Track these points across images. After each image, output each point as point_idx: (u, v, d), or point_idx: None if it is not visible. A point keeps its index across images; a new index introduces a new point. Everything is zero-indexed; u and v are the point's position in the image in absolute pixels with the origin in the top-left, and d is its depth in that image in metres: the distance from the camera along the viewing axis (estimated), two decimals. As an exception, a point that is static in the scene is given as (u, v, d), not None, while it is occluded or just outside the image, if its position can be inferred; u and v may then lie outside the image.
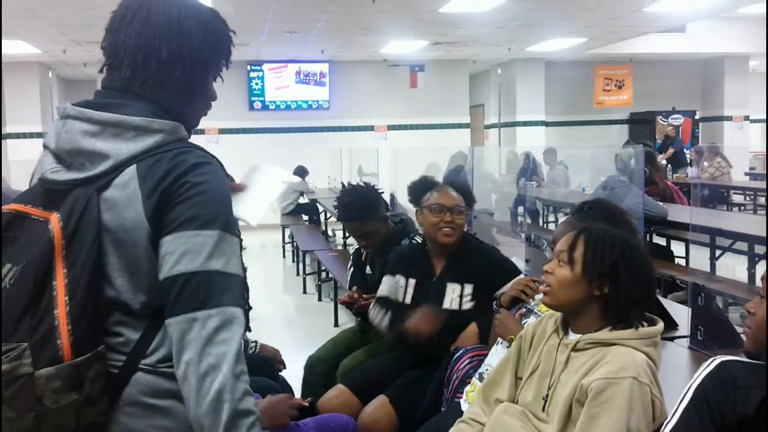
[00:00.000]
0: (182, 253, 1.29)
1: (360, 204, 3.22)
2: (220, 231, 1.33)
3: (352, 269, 3.50)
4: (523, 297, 2.42)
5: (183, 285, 1.29)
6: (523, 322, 2.30)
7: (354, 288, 3.19)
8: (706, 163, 11.46)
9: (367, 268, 3.40)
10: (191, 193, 1.31)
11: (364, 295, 3.07)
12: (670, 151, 13.10)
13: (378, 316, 2.91)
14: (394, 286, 2.94)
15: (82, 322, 1.28)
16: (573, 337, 1.81)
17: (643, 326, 1.76)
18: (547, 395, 1.79)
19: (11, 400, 1.24)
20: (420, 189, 3.02)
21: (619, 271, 1.75)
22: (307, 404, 2.27)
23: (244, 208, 1.60)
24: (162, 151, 1.35)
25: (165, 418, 1.35)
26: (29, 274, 1.29)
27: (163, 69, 1.41)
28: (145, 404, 1.34)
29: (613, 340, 1.73)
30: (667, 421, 1.49)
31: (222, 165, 1.41)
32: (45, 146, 1.42)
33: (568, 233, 1.88)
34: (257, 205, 1.63)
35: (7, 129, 12.15)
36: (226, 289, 1.32)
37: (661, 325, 1.78)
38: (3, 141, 11.88)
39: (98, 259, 1.32)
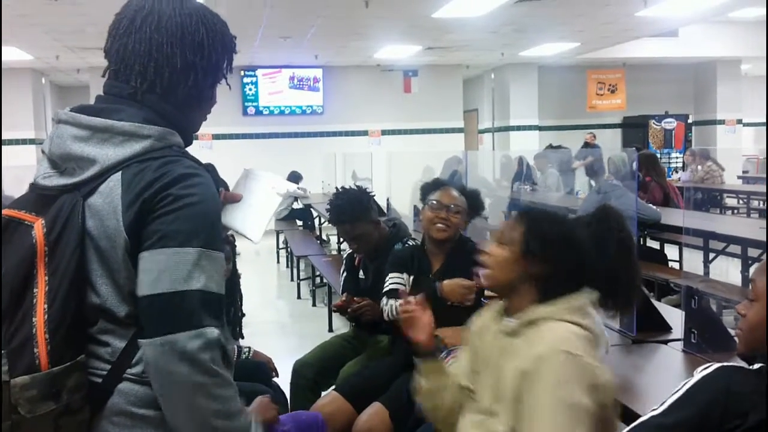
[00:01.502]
0: (161, 271, 1.26)
1: (351, 207, 3.23)
2: (201, 248, 1.28)
3: (345, 274, 3.49)
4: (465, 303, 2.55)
5: (161, 305, 1.26)
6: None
7: (345, 294, 3.19)
8: (699, 167, 11.49)
9: (360, 273, 3.39)
10: (173, 206, 1.28)
11: (356, 298, 3.06)
12: (589, 158, 12.68)
13: (391, 304, 2.88)
14: (400, 280, 2.97)
15: (60, 330, 1.26)
16: (509, 322, 1.80)
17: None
18: (495, 386, 1.76)
19: None
20: (430, 189, 3.14)
21: (556, 251, 1.76)
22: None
23: (245, 223, 1.53)
24: (149, 158, 1.32)
25: (154, 429, 1.34)
26: (7, 281, 1.28)
27: (176, 77, 1.41)
28: (133, 414, 1.32)
29: (541, 316, 1.72)
30: (651, 410, 1.49)
31: (214, 171, 1.39)
32: (42, 151, 1.42)
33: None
34: (259, 221, 1.55)
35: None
36: (206, 309, 1.28)
37: (588, 294, 1.76)
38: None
39: (80, 267, 1.30)
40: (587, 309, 1.74)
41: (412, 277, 2.96)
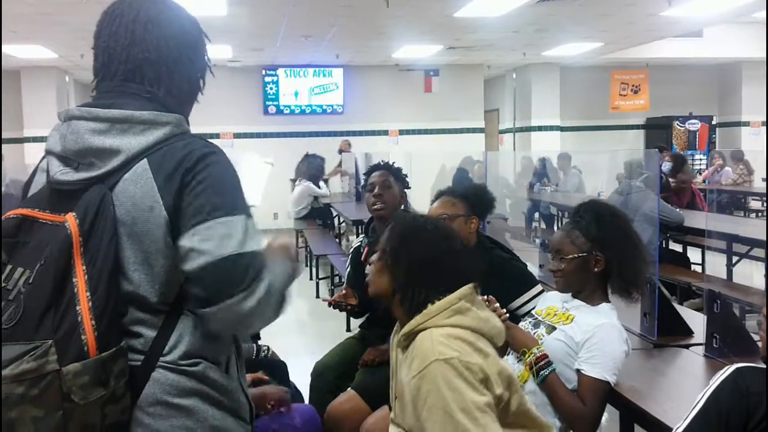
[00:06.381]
0: (222, 237, 1.31)
1: (396, 166, 3.42)
2: (246, 215, 1.37)
3: (349, 269, 3.41)
4: None
5: (229, 266, 1.31)
6: (533, 333, 2.26)
7: (346, 289, 3.10)
8: (729, 169, 11.37)
9: (367, 267, 3.29)
10: (211, 180, 1.34)
11: (351, 300, 2.97)
12: (336, 168, 11.95)
13: None
14: None
15: (106, 316, 1.29)
16: (399, 335, 1.80)
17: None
18: (401, 398, 1.76)
19: (38, 399, 1.24)
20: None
21: (399, 257, 1.78)
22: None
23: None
24: (171, 143, 1.38)
25: (188, 418, 1.36)
26: (48, 272, 1.30)
27: (183, 76, 1.49)
28: (168, 404, 1.35)
29: (414, 327, 1.71)
30: (676, 426, 1.48)
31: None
32: (48, 151, 1.44)
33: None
34: (255, 188, 1.69)
35: (25, 133, 12.29)
36: (263, 266, 1.36)
37: (462, 290, 1.73)
38: (17, 145, 12.06)
39: (116, 255, 1.33)
40: (461, 306, 1.71)
41: None
